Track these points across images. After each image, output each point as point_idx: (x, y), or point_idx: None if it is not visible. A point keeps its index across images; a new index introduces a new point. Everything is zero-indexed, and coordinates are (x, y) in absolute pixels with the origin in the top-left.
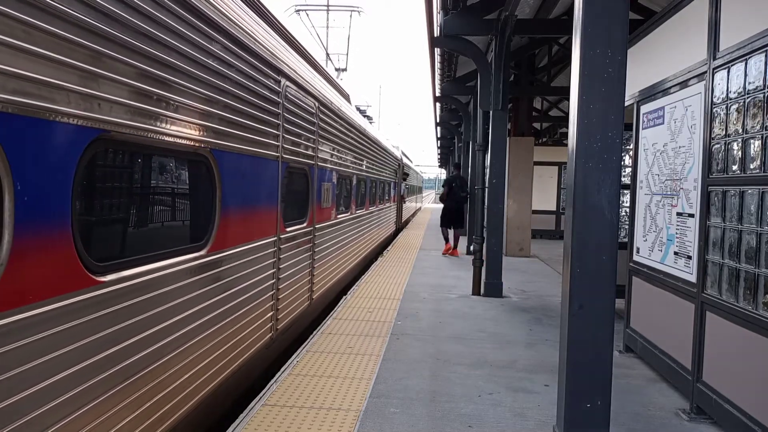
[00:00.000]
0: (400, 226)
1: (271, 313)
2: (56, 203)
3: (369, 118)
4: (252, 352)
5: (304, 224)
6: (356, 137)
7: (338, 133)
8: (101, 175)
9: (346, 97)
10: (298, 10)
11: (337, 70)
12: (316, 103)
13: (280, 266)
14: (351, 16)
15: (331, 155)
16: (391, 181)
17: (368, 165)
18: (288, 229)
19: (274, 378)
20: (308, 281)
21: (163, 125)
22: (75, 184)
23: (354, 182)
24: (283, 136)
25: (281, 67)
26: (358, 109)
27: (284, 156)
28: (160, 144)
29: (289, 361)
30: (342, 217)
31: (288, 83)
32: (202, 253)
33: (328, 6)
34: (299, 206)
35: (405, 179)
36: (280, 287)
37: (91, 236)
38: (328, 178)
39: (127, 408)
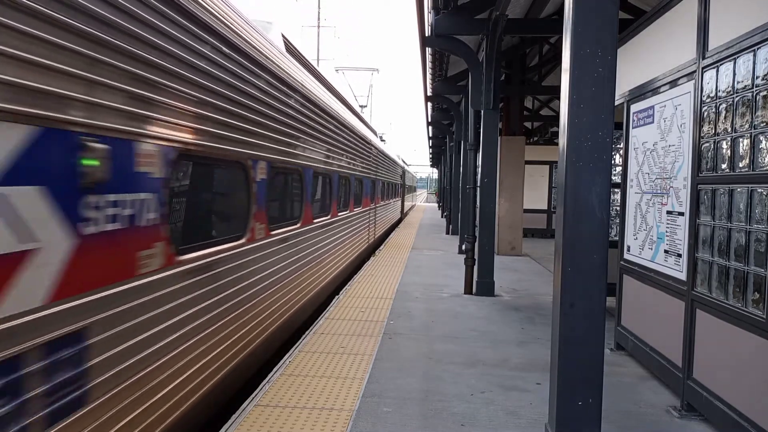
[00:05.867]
0: (402, 216)
1: (368, 235)
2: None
3: (383, 140)
4: (364, 247)
5: (372, 205)
6: (386, 160)
7: (381, 161)
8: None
9: (374, 131)
10: (338, 70)
11: (360, 106)
12: (377, 150)
13: (373, 219)
14: (372, 74)
15: (377, 172)
16: (398, 183)
17: (389, 175)
18: (370, 206)
19: (267, 378)
20: (372, 230)
21: (350, 169)
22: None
23: (383, 185)
24: (372, 169)
25: (370, 141)
26: (379, 136)
27: (374, 177)
28: (345, 173)
29: (282, 362)
30: (381, 203)
31: (372, 146)
32: (357, 209)
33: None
34: (370, 198)
35: (405, 181)
36: (370, 228)
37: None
38: (377, 184)
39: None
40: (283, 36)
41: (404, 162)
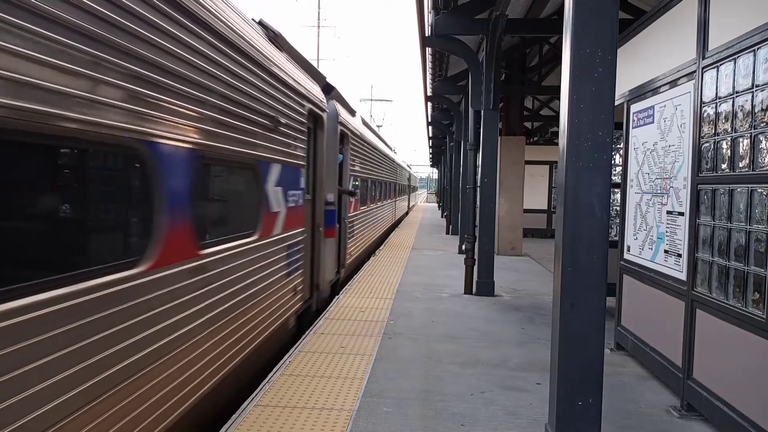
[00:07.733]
0: (409, 209)
1: (392, 215)
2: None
3: (395, 152)
4: (391, 222)
5: (393, 199)
6: (401, 170)
7: (398, 171)
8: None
9: (390, 147)
10: (362, 100)
11: (377, 126)
12: (396, 163)
13: (394, 206)
14: (386, 105)
15: (396, 178)
16: (406, 184)
17: (402, 179)
18: (392, 199)
19: (267, 378)
20: (394, 212)
21: (385, 177)
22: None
23: (398, 186)
24: (394, 176)
25: (393, 159)
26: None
27: (394, 181)
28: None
29: (282, 362)
30: (397, 198)
31: (394, 162)
32: (388, 200)
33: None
34: (392, 195)
35: (410, 182)
36: (393, 211)
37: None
38: (396, 185)
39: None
40: (361, 117)
41: (408, 166)
